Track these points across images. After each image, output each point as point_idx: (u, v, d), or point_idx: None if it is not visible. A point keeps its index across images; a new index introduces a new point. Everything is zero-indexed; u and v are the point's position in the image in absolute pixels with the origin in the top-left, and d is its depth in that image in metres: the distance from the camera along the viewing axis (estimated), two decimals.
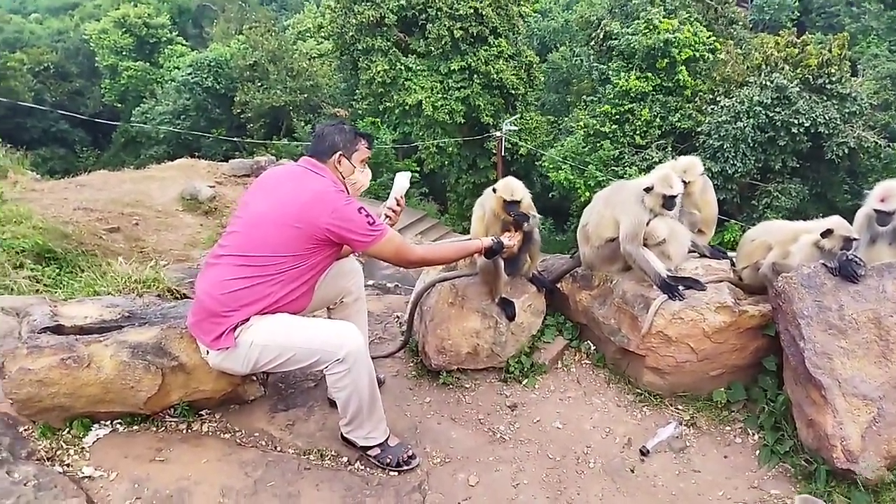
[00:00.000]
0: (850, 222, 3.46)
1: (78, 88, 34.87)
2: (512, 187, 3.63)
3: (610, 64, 21.35)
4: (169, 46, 34.31)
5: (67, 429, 3.15)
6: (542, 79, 25.67)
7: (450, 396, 3.70)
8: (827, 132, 17.47)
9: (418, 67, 22.83)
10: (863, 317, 3.12)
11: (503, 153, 22.19)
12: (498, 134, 21.93)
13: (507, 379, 3.82)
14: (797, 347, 3.14)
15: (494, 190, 3.68)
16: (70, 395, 3.04)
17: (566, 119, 24.66)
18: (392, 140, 23.47)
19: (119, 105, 32.43)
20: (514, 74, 22.97)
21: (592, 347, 4.06)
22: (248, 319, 2.87)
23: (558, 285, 4.14)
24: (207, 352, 2.99)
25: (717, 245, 4.36)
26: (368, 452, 3.14)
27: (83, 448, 3.09)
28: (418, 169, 23.07)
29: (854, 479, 2.94)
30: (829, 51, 18.19)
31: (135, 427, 3.23)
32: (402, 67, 22.70)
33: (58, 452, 3.05)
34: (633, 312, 3.64)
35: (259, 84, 26.11)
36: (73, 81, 34.97)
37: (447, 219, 23.49)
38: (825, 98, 17.71)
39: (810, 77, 17.80)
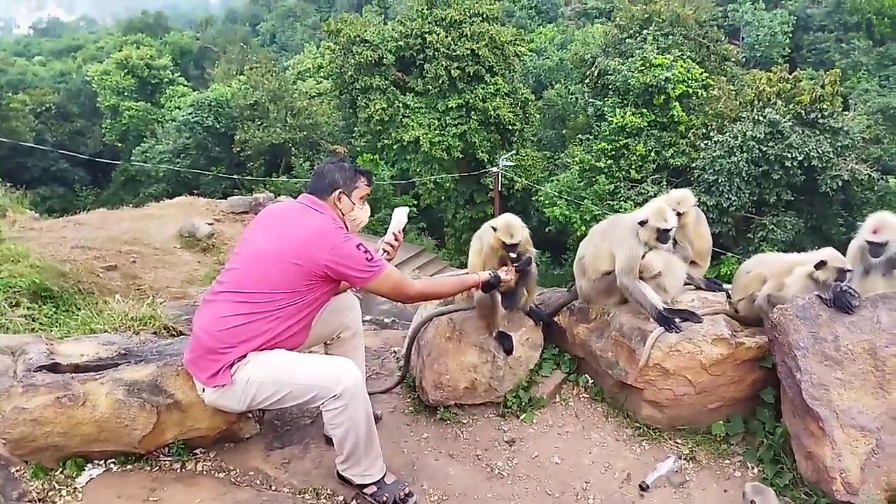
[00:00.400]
0: (845, 254, 3.49)
1: (79, 128, 35.22)
2: (511, 229, 3.60)
3: (605, 100, 21.70)
4: (170, 87, 34.76)
5: (60, 469, 3.11)
6: (538, 115, 26.02)
7: (447, 432, 3.67)
8: (820, 165, 17.63)
9: (416, 105, 23.12)
10: (858, 347, 3.12)
11: (500, 188, 22.32)
12: (494, 170, 22.08)
13: (505, 414, 3.80)
14: (794, 379, 3.14)
15: (494, 228, 3.68)
16: (64, 435, 3.02)
17: (562, 155, 24.92)
18: (390, 176, 23.65)
19: (120, 144, 32.71)
20: (510, 111, 23.25)
21: (590, 381, 4.05)
22: (245, 356, 2.87)
23: (555, 319, 4.14)
24: (203, 389, 2.97)
25: (713, 278, 4.38)
26: (365, 490, 3.09)
27: (76, 489, 3.05)
28: (416, 204, 23.19)
29: None
30: (822, 86, 18.48)
31: (128, 466, 3.19)
32: (400, 105, 23.00)
33: (50, 493, 3.00)
34: (631, 345, 3.64)
35: (259, 123, 26.39)
36: (75, 121, 35.35)
37: (444, 253, 23.51)
38: (818, 132, 17.91)
39: (802, 112, 18.04)
